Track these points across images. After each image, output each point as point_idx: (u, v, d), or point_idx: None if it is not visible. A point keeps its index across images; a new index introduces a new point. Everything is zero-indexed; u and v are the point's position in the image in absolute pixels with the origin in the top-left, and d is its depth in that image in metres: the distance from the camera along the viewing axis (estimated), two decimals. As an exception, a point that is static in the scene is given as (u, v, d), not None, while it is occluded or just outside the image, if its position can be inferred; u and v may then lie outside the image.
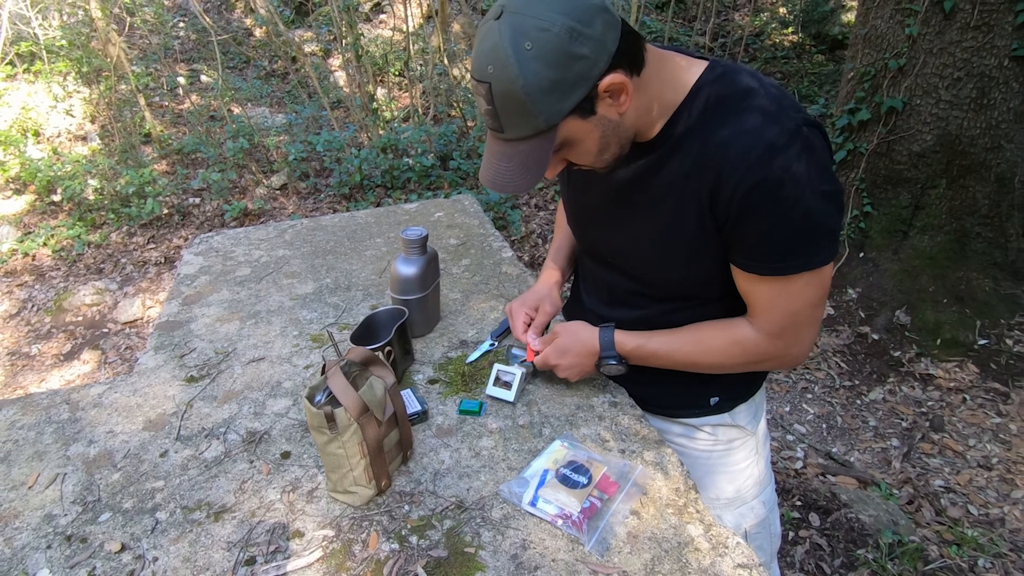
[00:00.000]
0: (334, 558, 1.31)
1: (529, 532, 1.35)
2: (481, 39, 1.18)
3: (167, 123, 7.75)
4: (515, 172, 1.27)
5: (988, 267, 4.50)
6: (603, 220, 1.58)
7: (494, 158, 1.29)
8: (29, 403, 1.79)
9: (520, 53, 1.12)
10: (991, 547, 2.92)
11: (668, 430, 1.76)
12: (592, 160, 1.34)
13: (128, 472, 1.54)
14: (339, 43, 8.26)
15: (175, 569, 1.30)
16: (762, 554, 1.84)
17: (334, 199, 6.49)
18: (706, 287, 1.50)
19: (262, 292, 2.29)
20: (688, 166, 1.33)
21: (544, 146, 1.24)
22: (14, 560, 1.33)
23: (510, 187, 1.28)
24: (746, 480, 1.78)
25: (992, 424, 3.79)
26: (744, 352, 1.48)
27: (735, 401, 1.70)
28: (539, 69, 1.13)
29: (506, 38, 1.12)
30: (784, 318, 1.40)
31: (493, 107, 1.19)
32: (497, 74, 1.15)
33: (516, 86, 1.14)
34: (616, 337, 1.56)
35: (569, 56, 1.13)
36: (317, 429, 1.34)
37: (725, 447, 1.74)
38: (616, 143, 1.32)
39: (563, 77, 1.15)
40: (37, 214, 6.50)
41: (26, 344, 5.19)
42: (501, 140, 1.27)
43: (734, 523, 1.77)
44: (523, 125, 1.20)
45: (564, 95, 1.17)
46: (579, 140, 1.28)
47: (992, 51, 4.21)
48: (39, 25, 7.70)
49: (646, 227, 1.47)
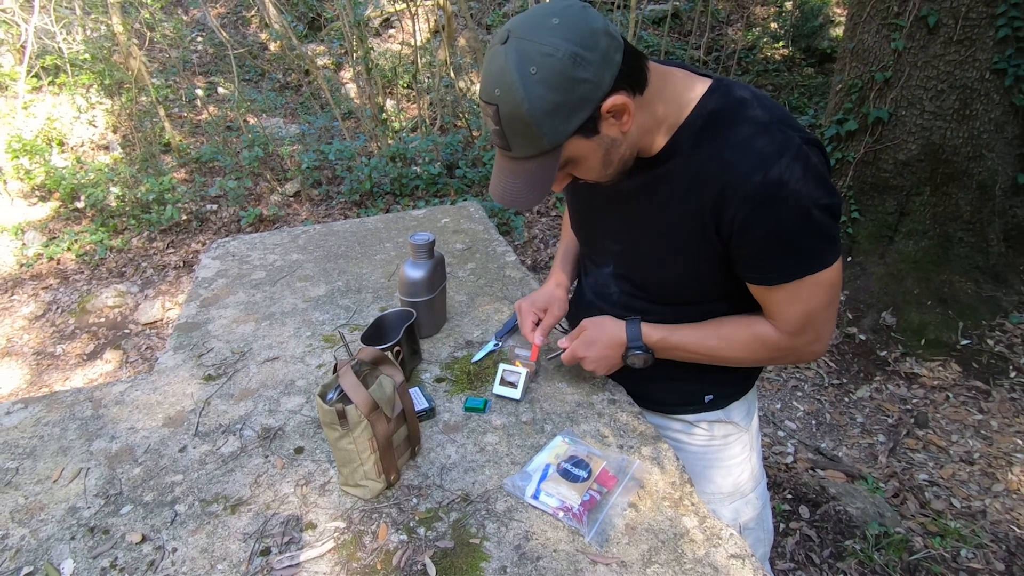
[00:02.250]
0: (345, 549, 1.31)
1: (532, 524, 1.35)
2: (488, 62, 1.19)
3: (186, 133, 7.76)
4: (523, 189, 1.28)
5: (970, 271, 4.50)
6: (606, 227, 1.58)
7: (503, 175, 1.30)
8: (54, 401, 1.79)
9: (525, 77, 1.13)
10: (973, 538, 2.91)
11: (666, 426, 1.76)
12: (596, 175, 1.35)
13: (148, 467, 1.54)
14: (350, 57, 8.27)
15: (193, 559, 1.30)
16: (760, 546, 1.84)
17: (345, 206, 6.50)
18: (706, 291, 1.50)
19: (276, 295, 2.29)
20: (690, 182, 1.34)
21: (549, 164, 1.24)
22: (40, 551, 1.33)
23: (518, 203, 1.30)
24: (741, 474, 1.78)
25: (974, 421, 3.78)
26: (766, 348, 1.47)
27: (729, 399, 1.70)
28: (543, 93, 1.13)
29: (512, 63, 1.13)
30: (801, 318, 1.40)
31: (500, 127, 1.20)
32: (504, 97, 1.15)
33: (522, 109, 1.15)
34: (642, 329, 1.55)
35: (572, 80, 1.14)
36: (329, 425, 1.34)
37: (721, 443, 1.74)
38: (619, 160, 1.32)
39: (566, 100, 1.15)
40: (61, 220, 6.51)
41: (51, 344, 5.20)
42: (509, 158, 1.27)
43: (731, 517, 1.76)
44: (528, 145, 1.21)
45: (568, 117, 1.18)
46: (583, 158, 1.28)
47: (974, 64, 4.21)
48: (63, 39, 7.71)
49: (648, 236, 1.47)
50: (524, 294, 2.22)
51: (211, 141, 7.51)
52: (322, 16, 9.49)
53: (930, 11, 4.22)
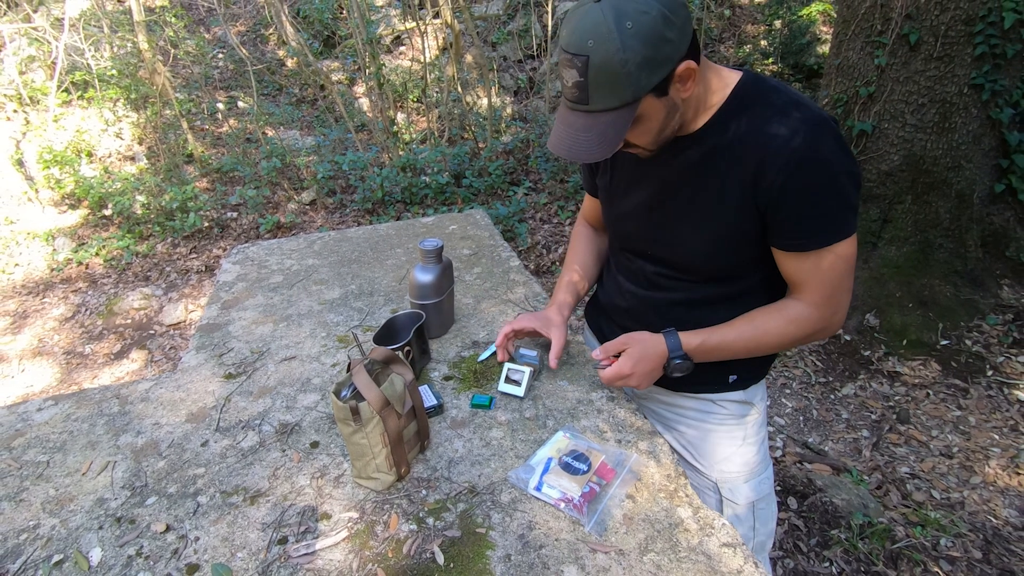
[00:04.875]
0: (358, 538, 1.31)
1: (535, 514, 1.35)
2: (580, 18, 1.20)
3: (207, 145, 7.77)
4: (593, 142, 1.28)
5: (949, 275, 4.49)
6: (647, 218, 1.57)
7: (572, 129, 1.31)
8: (83, 398, 1.80)
9: (623, 30, 1.15)
10: (952, 528, 2.90)
11: (687, 405, 1.74)
12: (650, 140, 1.37)
13: (172, 460, 1.54)
14: (363, 73, 8.29)
15: (215, 547, 1.30)
16: (764, 528, 1.81)
17: (358, 213, 6.50)
18: (746, 268, 1.51)
19: (293, 297, 2.29)
20: (731, 157, 1.38)
21: (625, 117, 1.26)
22: (69, 539, 1.33)
23: (587, 155, 1.30)
24: (757, 452, 1.76)
25: (953, 417, 3.77)
26: (799, 327, 1.48)
27: (751, 380, 1.69)
28: (636, 45, 1.16)
29: (610, 16, 1.16)
30: (827, 288, 1.42)
31: (585, 79, 1.22)
32: (597, 47, 1.17)
33: (616, 58, 1.17)
34: (681, 338, 1.54)
35: (661, 38, 1.18)
36: (343, 421, 1.34)
37: (738, 421, 1.72)
38: (671, 126, 1.36)
39: (654, 56, 1.19)
40: (90, 227, 6.53)
41: (80, 344, 5.21)
42: (582, 112, 1.28)
43: (748, 495, 1.74)
44: (611, 97, 1.23)
45: (652, 72, 1.21)
46: (649, 117, 1.31)
47: (953, 80, 4.21)
48: (92, 56, 7.74)
49: (693, 218, 1.48)
50: (527, 297, 2.22)
51: (231, 152, 7.53)
52: (336, 34, 9.51)
53: (911, 29, 4.21)
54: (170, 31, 9.08)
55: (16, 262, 6.12)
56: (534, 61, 8.85)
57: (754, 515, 1.76)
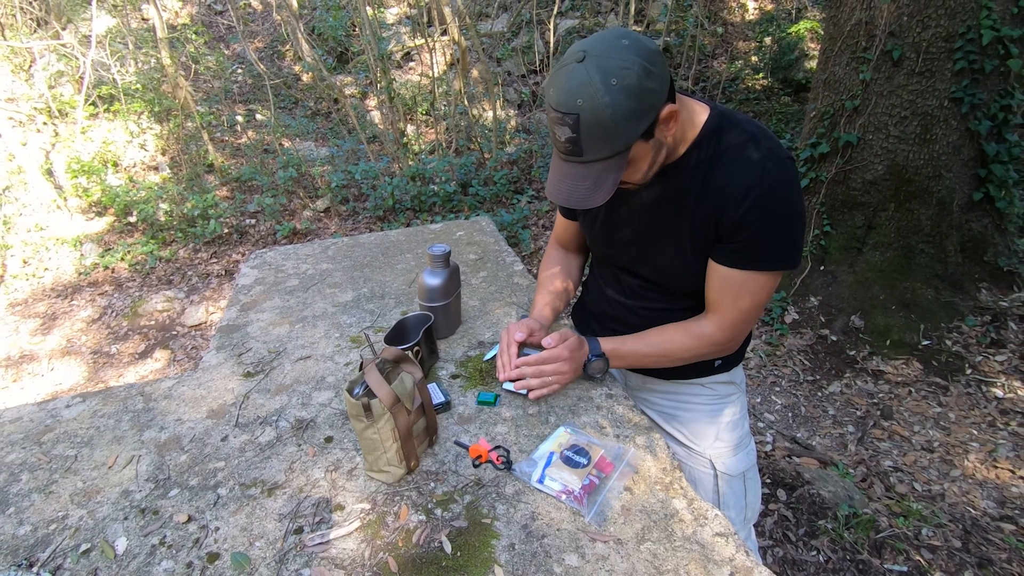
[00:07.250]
0: (370, 528, 1.31)
1: (537, 506, 1.35)
2: (567, 78, 1.23)
3: (227, 155, 7.78)
4: (591, 189, 1.32)
5: (930, 278, 4.48)
6: (630, 240, 1.64)
7: (568, 179, 1.34)
8: (109, 395, 1.80)
9: (609, 87, 1.19)
10: (933, 518, 2.90)
11: (681, 390, 1.83)
12: (640, 176, 1.41)
13: (194, 454, 1.55)
14: (375, 87, 8.30)
15: (234, 537, 1.30)
16: (754, 497, 1.89)
17: (370, 220, 6.51)
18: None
19: (308, 300, 2.29)
20: (699, 189, 1.43)
21: (618, 164, 1.30)
22: (96, 529, 1.33)
23: (586, 202, 1.33)
24: (743, 427, 1.85)
25: (934, 413, 3.76)
26: (701, 344, 1.59)
27: (732, 363, 1.79)
28: (623, 100, 1.20)
29: (595, 76, 1.19)
30: (737, 315, 1.51)
31: (577, 135, 1.25)
32: (586, 105, 1.20)
33: (605, 114, 1.20)
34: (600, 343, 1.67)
35: (645, 89, 1.21)
36: (356, 417, 1.34)
37: (724, 400, 1.81)
38: (659, 161, 1.40)
39: (640, 107, 1.22)
40: (116, 233, 6.54)
41: (106, 344, 5.22)
42: (577, 163, 1.32)
43: (739, 466, 1.82)
44: (604, 147, 1.26)
45: (638, 121, 1.24)
46: (639, 158, 1.35)
47: (934, 93, 4.21)
48: (117, 71, 7.76)
49: (670, 241, 1.54)
50: (530, 299, 2.22)
51: (250, 162, 7.54)
52: (349, 50, 9.51)
53: (895, 46, 4.21)
54: (191, 48, 9.09)
55: (46, 266, 6.14)
56: (537, 76, 8.85)
57: (745, 485, 1.84)
